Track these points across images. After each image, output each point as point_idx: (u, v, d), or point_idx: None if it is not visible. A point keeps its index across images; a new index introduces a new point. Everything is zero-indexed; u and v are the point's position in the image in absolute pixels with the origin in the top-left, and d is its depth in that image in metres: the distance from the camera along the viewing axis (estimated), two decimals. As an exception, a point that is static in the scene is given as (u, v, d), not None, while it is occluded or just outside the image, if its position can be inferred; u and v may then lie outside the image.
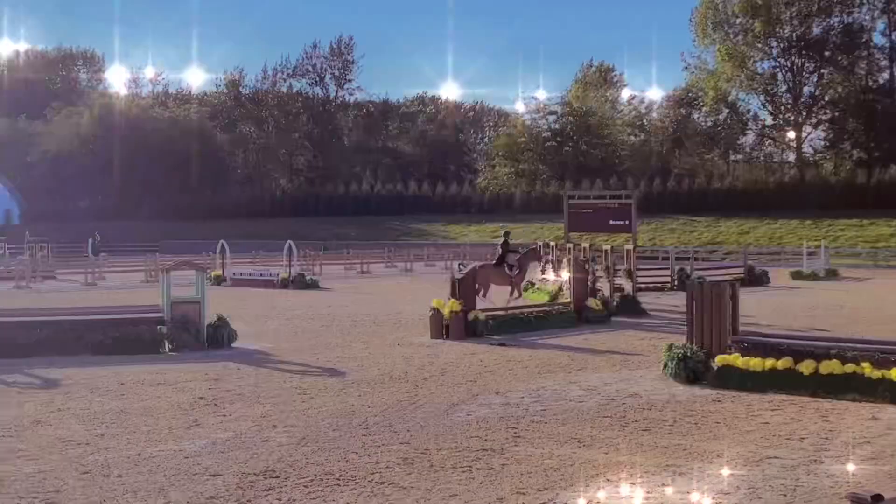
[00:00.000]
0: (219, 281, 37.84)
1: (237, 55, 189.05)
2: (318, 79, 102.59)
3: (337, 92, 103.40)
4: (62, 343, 17.39)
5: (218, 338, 18.44)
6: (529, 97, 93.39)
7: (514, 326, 20.90)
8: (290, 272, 36.63)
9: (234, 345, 18.55)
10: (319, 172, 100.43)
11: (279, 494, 8.50)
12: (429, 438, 10.58)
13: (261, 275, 38.64)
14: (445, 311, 19.90)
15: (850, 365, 12.96)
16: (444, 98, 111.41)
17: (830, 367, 13.03)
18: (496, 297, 25.20)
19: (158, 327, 18.20)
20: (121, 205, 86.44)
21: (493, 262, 28.09)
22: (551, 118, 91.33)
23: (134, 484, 8.83)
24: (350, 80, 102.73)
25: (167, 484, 8.83)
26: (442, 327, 19.87)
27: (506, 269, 26.92)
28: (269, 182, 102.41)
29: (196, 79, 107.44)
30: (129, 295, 31.92)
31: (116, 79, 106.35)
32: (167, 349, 17.97)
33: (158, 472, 9.25)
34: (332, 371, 15.49)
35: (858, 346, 13.62)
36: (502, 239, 28.59)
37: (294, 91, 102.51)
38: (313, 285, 36.28)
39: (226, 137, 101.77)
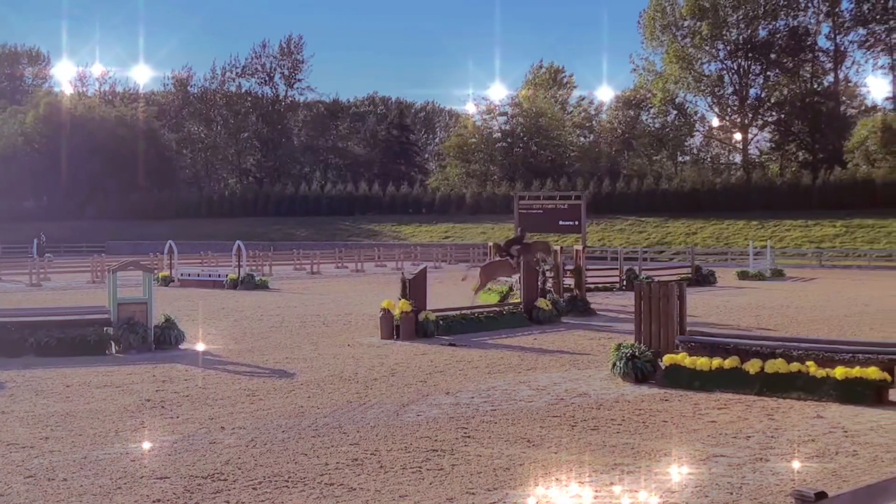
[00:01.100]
0: (166, 282, 37.52)
1: (185, 53, 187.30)
2: (267, 78, 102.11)
3: (286, 91, 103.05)
4: (6, 344, 17.11)
5: (165, 339, 18.26)
6: (480, 98, 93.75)
7: (465, 327, 20.93)
8: (239, 273, 36.36)
9: (181, 346, 18.39)
10: (269, 172, 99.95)
11: (227, 497, 8.43)
12: (378, 439, 10.55)
13: (209, 275, 38.35)
14: (396, 312, 19.88)
15: (795, 364, 13.14)
16: (394, 98, 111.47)
17: (776, 366, 13.20)
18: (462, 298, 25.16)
19: (105, 328, 17.97)
20: (66, 205, 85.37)
21: (498, 257, 28.30)
22: (502, 119, 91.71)
23: (79, 487, 8.71)
24: (300, 80, 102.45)
25: (113, 487, 8.72)
26: (392, 328, 19.84)
27: (509, 260, 27.17)
28: (218, 182, 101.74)
29: (143, 77, 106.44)
30: (74, 296, 31.54)
31: (62, 77, 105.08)
32: (114, 350, 17.76)
33: (104, 475, 9.13)
34: (281, 372, 15.41)
35: (803, 345, 13.80)
36: (517, 235, 28.61)
37: (243, 90, 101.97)
38: (262, 286, 36.06)
39: (174, 137, 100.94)
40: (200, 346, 18.52)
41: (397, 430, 10.99)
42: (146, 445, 10.44)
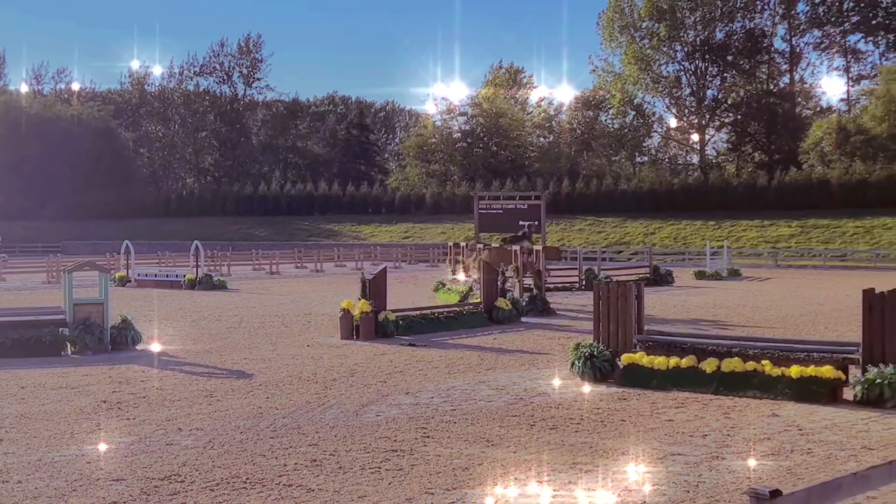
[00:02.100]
0: (123, 282, 37.20)
1: (143, 51, 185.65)
2: (225, 77, 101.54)
3: (245, 90, 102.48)
4: (-41, 346, 16.87)
5: (122, 340, 18.10)
6: (440, 98, 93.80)
7: (425, 327, 20.93)
8: (197, 273, 36.12)
9: (138, 347, 18.24)
10: (227, 172, 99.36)
11: (184, 499, 8.37)
12: (338, 440, 10.53)
13: (167, 276, 38.09)
14: (355, 312, 19.84)
15: (751, 363, 13.29)
16: (354, 97, 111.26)
17: (732, 364, 13.34)
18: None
19: (60, 329, 17.76)
20: (22, 204, 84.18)
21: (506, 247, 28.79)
22: (461, 119, 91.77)
23: (34, 490, 8.61)
24: (259, 79, 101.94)
25: (68, 489, 8.62)
26: (352, 328, 19.81)
27: (518, 254, 27.59)
28: (176, 181, 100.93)
29: (101, 76, 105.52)
30: (30, 296, 31.16)
31: (17, 76, 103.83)
32: (69, 352, 17.57)
33: (59, 477, 9.03)
34: (240, 373, 15.33)
35: (759, 344, 13.96)
36: (522, 231, 28.95)
37: (201, 89, 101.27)
38: (221, 286, 35.84)
39: (131, 136, 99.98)
40: (157, 347, 18.37)
41: (356, 431, 10.97)
42: (102, 447, 10.34)
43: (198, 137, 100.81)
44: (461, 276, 31.53)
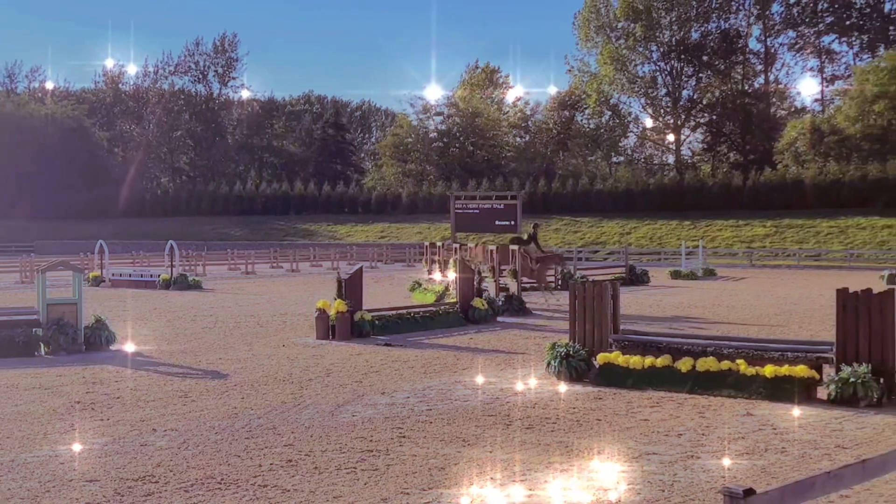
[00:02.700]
0: (97, 282, 36.98)
1: (117, 50, 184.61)
2: (201, 76, 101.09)
3: (221, 89, 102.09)
4: (-70, 347, 16.71)
5: (96, 340, 17.97)
6: (416, 97, 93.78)
7: (401, 327, 20.91)
8: (171, 273, 35.94)
9: (112, 347, 18.11)
10: (203, 171, 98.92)
11: (158, 499, 8.32)
12: (313, 440, 10.50)
13: (141, 275, 37.88)
14: (331, 312, 19.79)
15: (725, 362, 13.35)
16: (330, 97, 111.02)
17: (707, 364, 13.40)
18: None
19: (33, 330, 17.62)
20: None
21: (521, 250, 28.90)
22: (438, 119, 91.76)
23: (7, 491, 8.53)
24: (234, 78, 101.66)
25: (41, 490, 8.55)
26: (328, 328, 19.76)
27: (528, 261, 27.62)
28: (151, 181, 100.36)
29: (75, 74, 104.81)
30: (2, 296, 30.88)
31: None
32: (43, 352, 17.44)
33: (32, 478, 8.96)
34: (215, 373, 15.25)
35: (734, 343, 14.02)
36: (531, 232, 29.05)
37: (176, 88, 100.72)
38: (196, 286, 35.67)
39: (105, 135, 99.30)
40: (132, 347, 18.26)
41: (332, 431, 10.94)
42: (76, 448, 10.25)
43: (173, 137, 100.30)
44: (437, 275, 31.54)
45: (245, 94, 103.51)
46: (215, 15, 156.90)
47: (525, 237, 29.83)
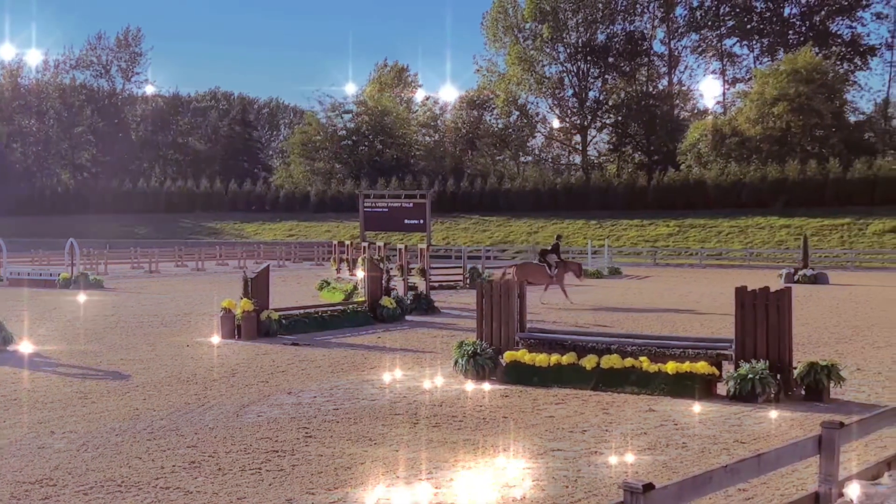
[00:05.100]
0: (-6, 281, 35.93)
1: (14, 43, 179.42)
2: (103, 71, 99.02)
3: (124, 85, 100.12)
4: None
5: (-8, 341, 17.46)
6: (325, 95, 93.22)
7: (308, 326, 20.77)
8: (72, 271, 35.12)
9: (9, 348, 17.61)
10: (105, 167, 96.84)
11: (56, 503, 8.12)
12: (217, 441, 10.36)
13: (40, 274, 36.96)
14: (237, 311, 19.56)
15: (629, 359, 13.57)
16: (237, 93, 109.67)
17: (611, 361, 13.60)
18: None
19: (-75, 331, 17.06)
20: None
21: (536, 260, 29.49)
22: (347, 117, 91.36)
23: None
24: (138, 73, 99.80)
25: (-68, 498, 8.28)
26: (233, 327, 19.52)
27: (546, 268, 28.11)
28: (51, 177, 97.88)
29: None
30: None
31: None
32: (-65, 354, 16.88)
33: (-78, 485, 8.66)
34: (116, 374, 14.95)
35: (637, 341, 14.26)
36: (554, 242, 29.96)
37: (78, 83, 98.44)
38: (97, 285, 34.91)
39: (3, 130, 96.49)
40: (30, 348, 17.77)
41: (237, 432, 10.81)
42: (-31, 453, 9.96)
43: (74, 133, 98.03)
44: (346, 274, 31.42)
45: (149, 89, 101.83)
46: (118, 7, 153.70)
47: (549, 248, 30.18)
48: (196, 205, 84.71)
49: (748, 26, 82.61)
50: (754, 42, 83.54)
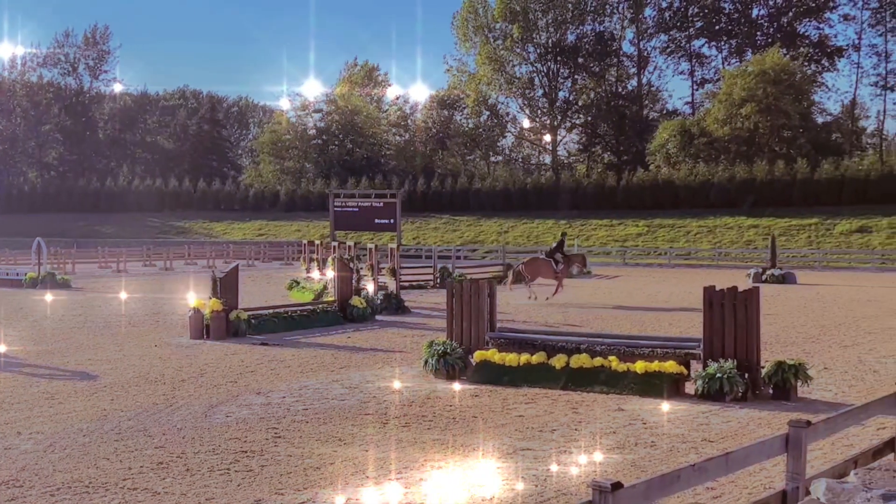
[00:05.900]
0: (-41, 281, 35.54)
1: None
2: (70, 69, 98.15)
3: (91, 83, 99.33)
4: None
5: (-43, 341, 17.27)
6: (294, 94, 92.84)
7: (278, 325, 20.71)
8: (39, 271, 34.81)
9: (-25, 348, 17.44)
10: (72, 166, 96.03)
11: (22, 506, 8.05)
12: (185, 442, 10.29)
13: (6, 274, 36.60)
14: (206, 311, 19.45)
15: (598, 359, 13.63)
16: (206, 92, 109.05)
17: (580, 360, 13.65)
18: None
19: None
20: None
21: (544, 255, 29.82)
22: (317, 116, 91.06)
23: None
24: (106, 71, 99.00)
25: None
26: (202, 327, 19.41)
27: (552, 264, 28.55)
28: (18, 176, 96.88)
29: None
30: None
31: None
32: None
33: None
34: (83, 374, 14.82)
35: (607, 340, 14.32)
36: (559, 239, 30.12)
37: (45, 81, 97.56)
38: (65, 285, 34.65)
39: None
40: (-4, 349, 17.61)
41: (205, 432, 10.75)
42: (-67, 454, 9.84)
43: (41, 131, 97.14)
44: (315, 274, 31.33)
45: (117, 87, 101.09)
46: (86, 5, 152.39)
47: (554, 245, 30.36)
48: (164, 204, 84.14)
49: (717, 27, 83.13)
50: (723, 43, 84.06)
